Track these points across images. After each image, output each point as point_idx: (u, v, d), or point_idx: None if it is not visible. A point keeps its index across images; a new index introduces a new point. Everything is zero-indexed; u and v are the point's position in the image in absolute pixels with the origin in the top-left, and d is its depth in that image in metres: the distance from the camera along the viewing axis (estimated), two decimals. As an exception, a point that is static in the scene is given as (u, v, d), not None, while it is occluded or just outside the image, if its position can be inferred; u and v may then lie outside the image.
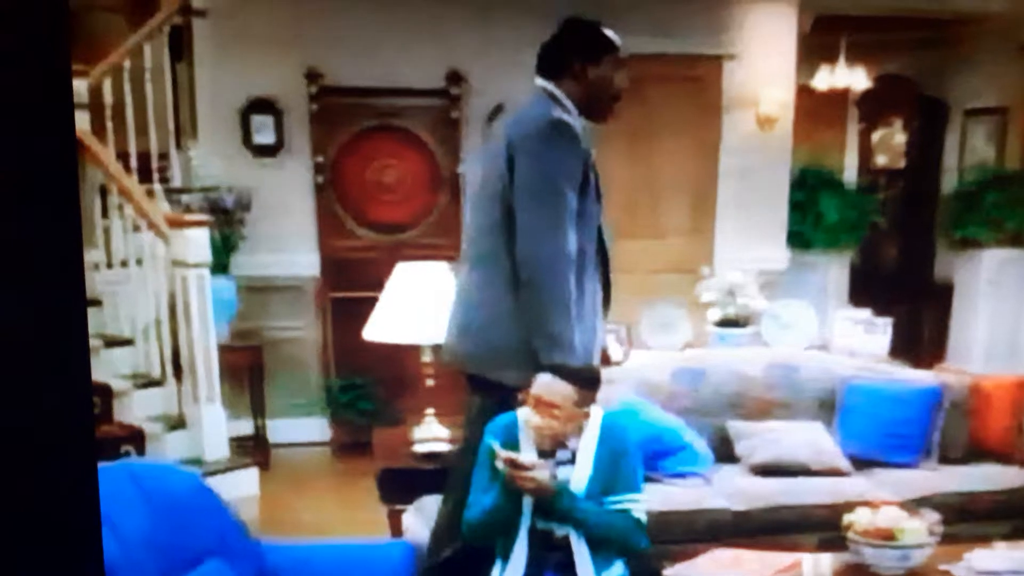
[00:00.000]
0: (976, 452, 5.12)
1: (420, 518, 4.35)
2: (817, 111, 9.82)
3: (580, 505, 3.31)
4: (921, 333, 9.44)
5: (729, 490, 4.76)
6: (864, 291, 8.86)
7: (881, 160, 9.95)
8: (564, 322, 3.47)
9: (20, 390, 1.07)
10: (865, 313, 6.37)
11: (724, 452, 5.05)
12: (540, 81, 3.73)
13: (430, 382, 4.63)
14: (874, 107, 9.92)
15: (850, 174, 10.24)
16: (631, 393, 4.97)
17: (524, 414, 3.40)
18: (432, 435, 4.57)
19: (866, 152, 10.22)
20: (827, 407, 5.25)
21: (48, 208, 1.07)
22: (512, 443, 3.35)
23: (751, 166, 7.85)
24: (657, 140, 7.86)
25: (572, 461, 3.35)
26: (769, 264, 7.82)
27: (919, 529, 3.47)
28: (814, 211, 8.31)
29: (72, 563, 1.13)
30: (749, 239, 7.90)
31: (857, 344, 6.12)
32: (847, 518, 3.56)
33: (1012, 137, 8.86)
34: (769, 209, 7.92)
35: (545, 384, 3.33)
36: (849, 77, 8.62)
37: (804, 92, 9.00)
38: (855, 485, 4.76)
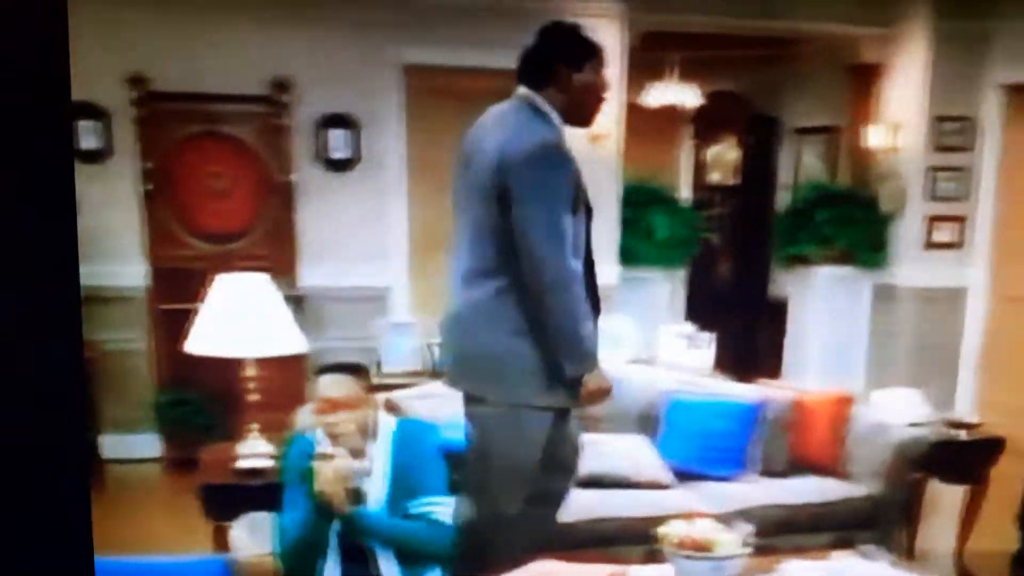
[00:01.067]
0: (798, 466, 5.38)
1: (249, 534, 4.44)
2: (650, 128, 10.22)
3: (373, 519, 3.51)
4: (756, 349, 9.89)
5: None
6: (700, 307, 9.24)
7: (715, 177, 10.37)
8: (589, 336, 3.69)
9: (14, 388, 1.11)
10: (689, 328, 6.70)
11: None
12: (522, 90, 3.77)
13: (254, 397, 4.72)
14: (708, 124, 10.35)
15: (685, 191, 10.70)
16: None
17: (315, 419, 3.65)
18: (255, 451, 4.64)
19: (701, 169, 10.65)
20: (650, 421, 5.43)
21: (45, 207, 1.11)
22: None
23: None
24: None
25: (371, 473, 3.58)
26: (601, 279, 8.05)
27: (732, 541, 3.68)
28: (644, 227, 8.64)
29: (65, 560, 1.17)
30: (583, 255, 8.10)
31: (681, 359, 6.41)
32: (660, 530, 3.73)
33: (843, 155, 9.40)
34: (599, 225, 8.11)
35: (327, 383, 3.62)
36: (681, 94, 8.99)
37: (636, 109, 9.39)
38: (677, 498, 4.93)
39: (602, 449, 5.20)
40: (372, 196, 7.78)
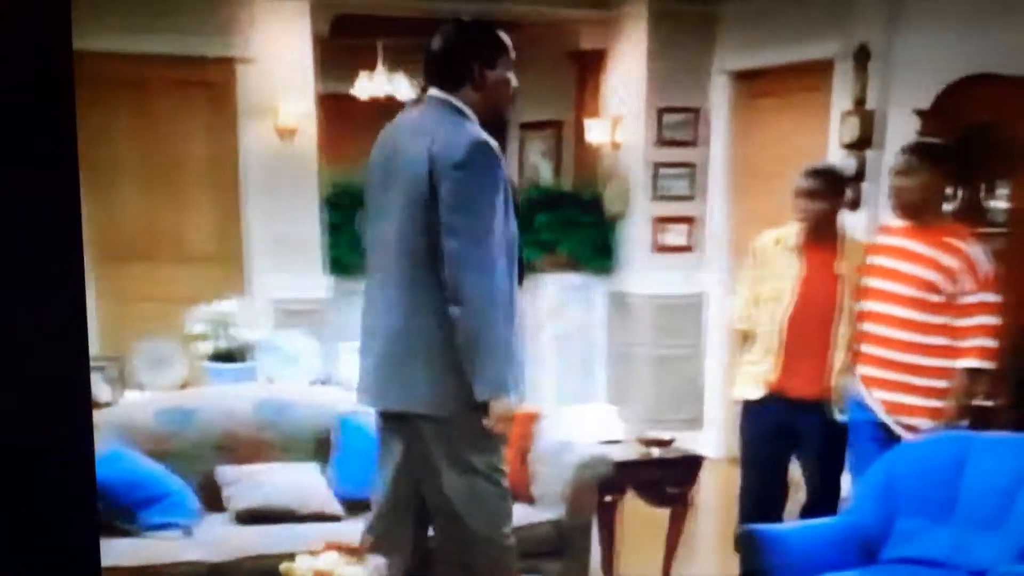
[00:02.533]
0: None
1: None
2: (366, 123, 9.96)
3: None
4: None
5: (209, 540, 4.70)
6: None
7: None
8: (501, 360, 3.70)
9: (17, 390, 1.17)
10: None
11: (212, 499, 5.03)
12: (435, 92, 3.82)
13: None
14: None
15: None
16: (112, 439, 4.83)
17: None
18: None
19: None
20: (325, 446, 5.27)
21: (49, 209, 1.17)
22: None
23: (276, 184, 7.74)
24: (173, 151, 7.70)
25: None
26: (309, 292, 7.77)
27: (359, 574, 3.51)
28: (351, 234, 8.29)
29: (69, 564, 1.23)
30: (285, 264, 7.78)
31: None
32: (283, 566, 3.54)
33: (567, 153, 9.29)
34: (300, 231, 7.86)
35: None
36: (390, 85, 8.77)
37: (346, 101, 9.12)
38: (348, 530, 4.71)
39: (264, 480, 5.04)
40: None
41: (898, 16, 6.69)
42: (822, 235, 4.89)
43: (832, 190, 4.91)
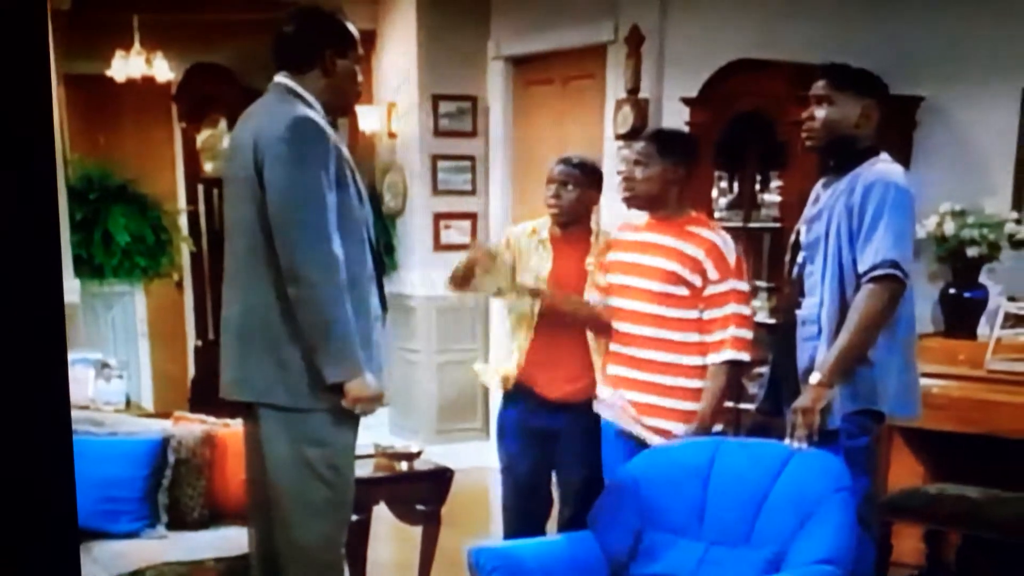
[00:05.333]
0: (218, 513, 5.08)
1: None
2: (127, 107, 9.73)
3: None
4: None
5: None
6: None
7: (210, 167, 9.91)
8: (346, 336, 3.76)
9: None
10: (98, 355, 6.30)
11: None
12: (279, 77, 3.91)
13: None
14: (195, 104, 9.92)
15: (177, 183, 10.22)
16: None
17: None
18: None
19: (194, 158, 10.17)
20: None
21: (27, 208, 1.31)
22: None
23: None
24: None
25: None
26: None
27: None
28: (102, 230, 8.10)
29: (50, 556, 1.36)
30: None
31: (93, 392, 6.01)
32: None
33: (343, 141, 9.19)
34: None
35: None
36: (148, 66, 8.56)
37: (101, 83, 8.86)
38: None
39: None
40: None
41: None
42: (574, 228, 4.88)
43: (585, 182, 4.89)
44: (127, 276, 8.36)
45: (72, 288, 7.60)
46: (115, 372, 6.18)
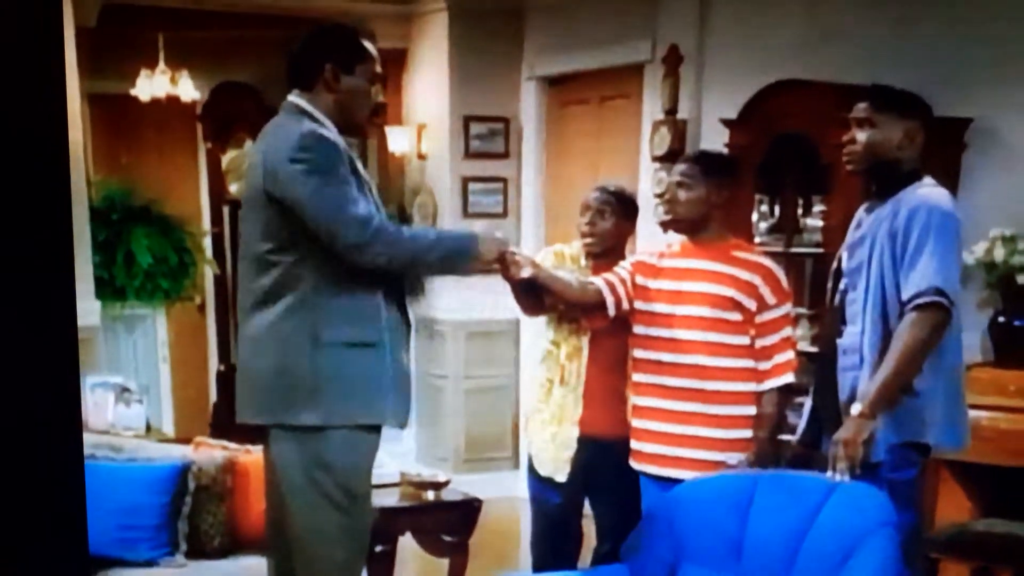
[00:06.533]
0: (239, 542, 5.06)
1: None
2: (151, 127, 9.76)
3: None
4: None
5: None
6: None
7: (235, 188, 9.94)
8: (433, 245, 3.99)
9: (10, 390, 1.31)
10: (118, 379, 6.30)
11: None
12: (291, 96, 3.96)
13: None
14: (221, 124, 9.95)
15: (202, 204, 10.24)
16: None
17: None
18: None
19: (220, 179, 10.20)
20: None
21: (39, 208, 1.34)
22: None
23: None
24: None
25: None
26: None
27: None
28: (124, 251, 8.11)
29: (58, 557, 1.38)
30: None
31: (113, 416, 6.01)
32: None
33: (371, 163, 9.18)
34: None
35: None
36: (173, 85, 8.60)
37: (124, 102, 8.90)
38: None
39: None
40: None
41: (708, 16, 6.72)
42: (605, 260, 4.84)
43: (622, 211, 4.86)
44: (149, 298, 8.34)
45: (92, 310, 7.54)
46: (135, 396, 6.18)
